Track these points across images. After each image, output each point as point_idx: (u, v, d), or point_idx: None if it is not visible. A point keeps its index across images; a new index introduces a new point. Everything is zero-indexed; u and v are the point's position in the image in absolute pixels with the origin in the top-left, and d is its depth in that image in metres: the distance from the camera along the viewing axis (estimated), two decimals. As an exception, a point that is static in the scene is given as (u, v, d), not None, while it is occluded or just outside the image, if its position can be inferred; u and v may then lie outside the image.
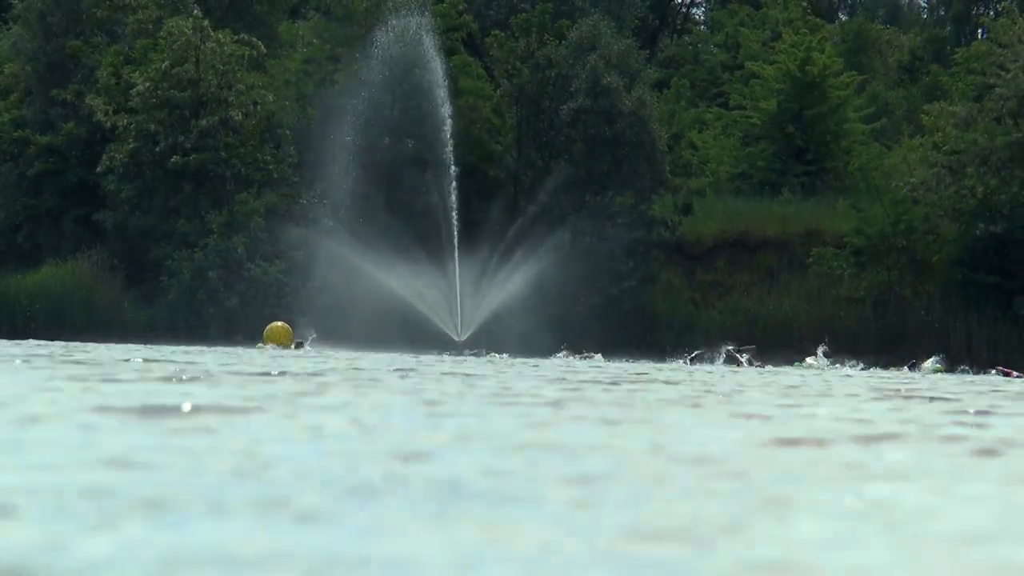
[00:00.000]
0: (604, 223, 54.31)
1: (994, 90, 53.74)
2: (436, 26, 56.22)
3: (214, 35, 54.66)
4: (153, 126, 54.01)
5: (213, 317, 51.60)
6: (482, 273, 52.52)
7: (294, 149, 54.45)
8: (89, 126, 55.76)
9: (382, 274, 50.75)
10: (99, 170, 54.39)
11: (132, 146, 53.92)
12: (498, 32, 59.73)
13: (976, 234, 51.57)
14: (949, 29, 77.89)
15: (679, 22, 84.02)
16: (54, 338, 42.77)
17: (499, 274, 52.63)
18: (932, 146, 54.13)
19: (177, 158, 53.32)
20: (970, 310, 51.47)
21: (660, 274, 55.41)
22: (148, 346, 35.79)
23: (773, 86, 61.90)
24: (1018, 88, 52.79)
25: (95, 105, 55.01)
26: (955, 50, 64.27)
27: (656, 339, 51.94)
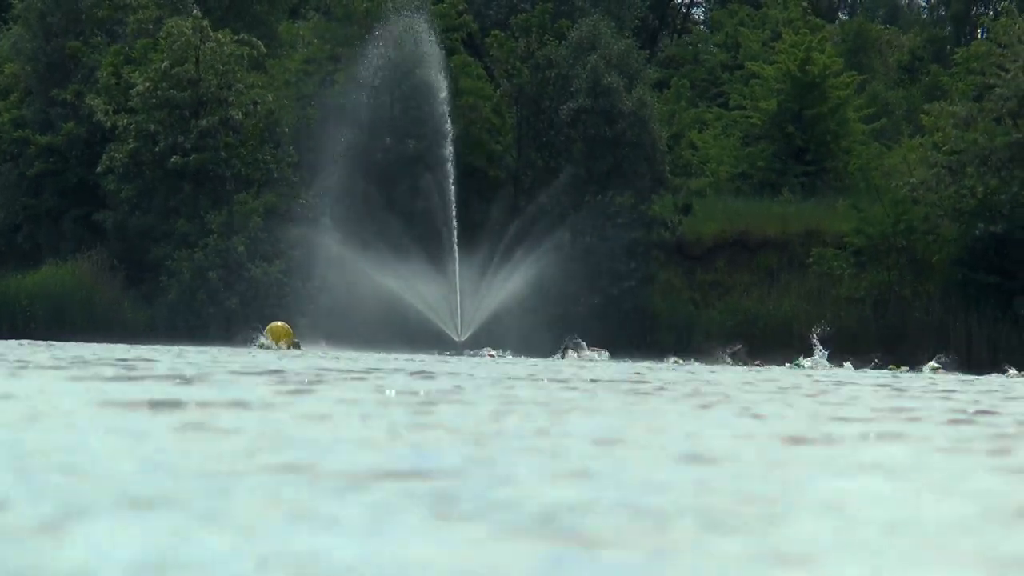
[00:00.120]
0: (604, 223, 54.33)
1: (994, 90, 53.76)
2: (436, 26, 56.22)
3: (214, 35, 54.68)
4: (153, 126, 54.02)
5: (213, 317, 51.59)
6: (482, 273, 52.54)
7: (293, 149, 54.46)
8: (89, 126, 55.76)
9: (382, 274, 50.76)
10: (99, 170, 54.39)
11: (132, 146, 53.93)
12: (498, 32, 59.73)
13: (976, 234, 51.59)
14: (949, 29, 77.90)
15: (679, 22, 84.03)
16: (54, 338, 42.73)
17: (499, 274, 52.64)
18: (932, 146, 54.14)
19: (177, 158, 53.33)
20: (970, 310, 51.49)
21: (660, 274, 55.43)
22: (148, 345, 35.75)
23: (773, 86, 61.90)
24: (1018, 88, 52.81)
25: (95, 105, 55.01)
26: (955, 50, 64.28)
27: (656, 339, 51.97)
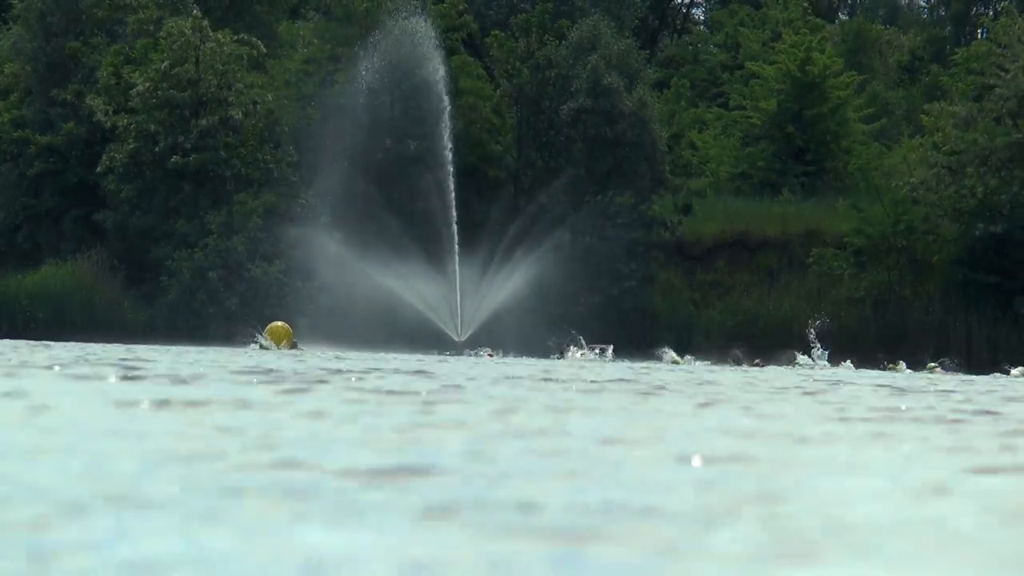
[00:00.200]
0: (604, 223, 54.34)
1: (994, 90, 53.78)
2: (436, 26, 56.23)
3: (214, 35, 54.68)
4: (153, 126, 54.01)
5: (213, 317, 51.58)
6: (482, 273, 52.54)
7: (293, 148, 54.46)
8: (89, 126, 55.75)
9: (382, 274, 50.75)
10: (99, 170, 54.38)
11: (132, 146, 53.92)
12: (498, 32, 59.73)
13: (976, 234, 51.59)
14: (949, 29, 77.91)
15: (679, 22, 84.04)
16: (54, 338, 42.71)
17: (499, 274, 52.65)
18: (932, 146, 54.16)
19: (177, 158, 53.32)
20: (970, 310, 51.50)
21: (660, 274, 55.43)
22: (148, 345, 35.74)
23: (773, 86, 61.91)
24: (1018, 88, 52.82)
25: (95, 105, 55.00)
26: (955, 50, 64.30)
27: (656, 339, 51.93)
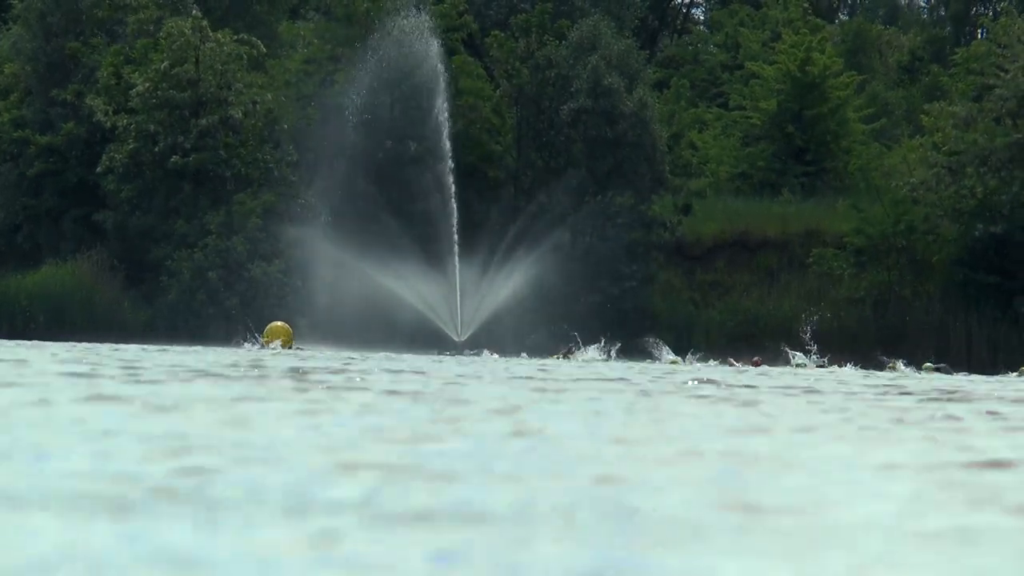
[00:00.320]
0: (604, 223, 54.33)
1: (994, 90, 53.76)
2: (436, 26, 56.21)
3: (213, 35, 54.69)
4: (153, 126, 53.99)
5: (213, 317, 51.57)
6: (482, 273, 52.53)
7: (293, 148, 54.44)
8: (89, 126, 55.74)
9: (382, 274, 50.74)
10: (99, 170, 54.37)
11: (132, 146, 53.91)
12: (498, 32, 59.70)
13: (976, 234, 51.58)
14: (949, 29, 77.85)
15: (679, 22, 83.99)
16: (54, 338, 42.73)
17: (499, 274, 52.63)
18: (932, 146, 54.14)
19: (177, 158, 53.31)
20: (970, 310, 51.48)
21: (660, 274, 55.40)
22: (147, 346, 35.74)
23: (773, 86, 61.89)
24: (1017, 88, 52.81)
25: (95, 105, 55.00)
26: (955, 50, 64.26)
27: (656, 339, 51.90)
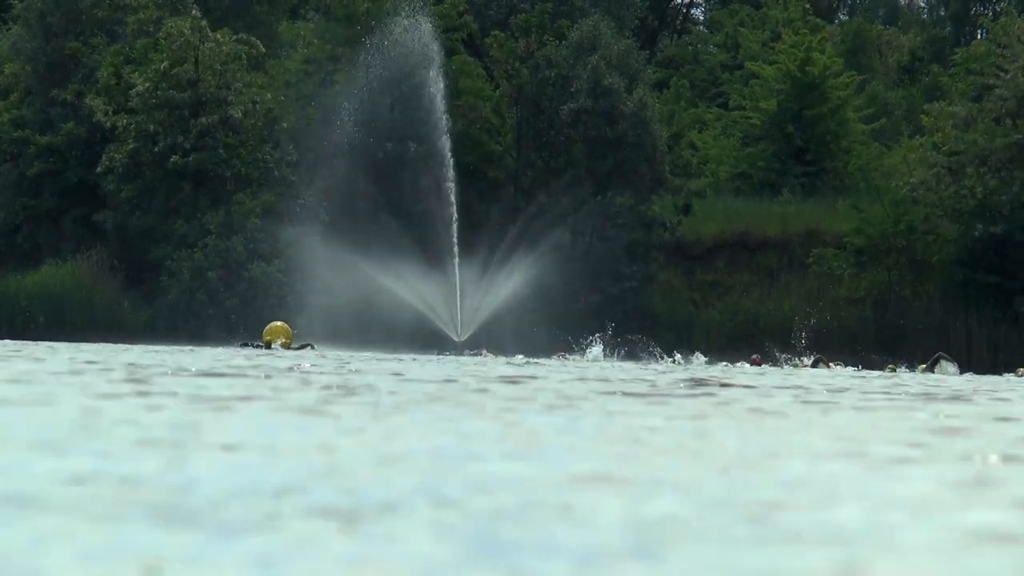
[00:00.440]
0: (604, 223, 54.35)
1: (993, 91, 53.76)
2: (436, 26, 56.24)
3: (213, 35, 54.72)
4: (153, 126, 54.02)
5: (213, 317, 51.60)
6: (482, 273, 52.54)
7: (293, 148, 54.46)
8: (89, 126, 55.77)
9: (382, 274, 50.75)
10: (99, 170, 54.41)
11: (132, 146, 53.94)
12: (498, 32, 59.71)
13: (976, 234, 51.58)
14: (949, 29, 77.90)
15: (679, 22, 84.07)
16: (54, 339, 42.73)
17: (499, 274, 52.64)
18: (932, 146, 54.15)
19: (176, 158, 53.34)
20: (970, 310, 51.48)
21: (660, 274, 55.42)
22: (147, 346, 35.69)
23: (773, 86, 61.91)
24: (1017, 88, 52.81)
25: (95, 105, 55.03)
26: (955, 50, 64.28)
27: (656, 339, 51.94)
